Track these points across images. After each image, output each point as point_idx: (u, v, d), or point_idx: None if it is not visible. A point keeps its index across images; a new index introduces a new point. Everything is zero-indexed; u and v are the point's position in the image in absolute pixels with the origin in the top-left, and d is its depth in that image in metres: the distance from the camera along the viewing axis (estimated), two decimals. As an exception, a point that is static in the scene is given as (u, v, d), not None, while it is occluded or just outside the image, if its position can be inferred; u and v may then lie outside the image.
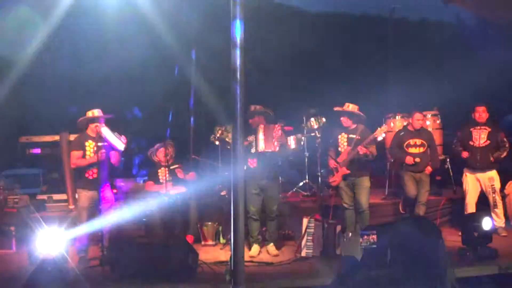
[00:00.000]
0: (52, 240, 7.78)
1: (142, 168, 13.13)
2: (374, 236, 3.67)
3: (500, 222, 9.96)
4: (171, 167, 10.06)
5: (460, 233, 8.78)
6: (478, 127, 9.98)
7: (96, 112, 8.92)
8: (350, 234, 8.91)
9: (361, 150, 9.22)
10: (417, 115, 10.10)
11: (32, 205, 11.16)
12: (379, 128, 9.28)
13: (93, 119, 8.87)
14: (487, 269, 7.90)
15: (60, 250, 7.86)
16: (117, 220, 9.18)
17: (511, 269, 7.88)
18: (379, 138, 9.34)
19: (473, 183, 10.07)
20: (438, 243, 3.04)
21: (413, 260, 2.95)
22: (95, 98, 10.43)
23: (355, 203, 9.53)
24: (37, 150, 11.96)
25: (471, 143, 9.96)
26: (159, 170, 10.10)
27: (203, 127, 13.01)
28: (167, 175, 9.82)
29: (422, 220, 3.25)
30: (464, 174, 10.18)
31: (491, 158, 9.95)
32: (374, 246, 3.65)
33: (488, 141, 9.91)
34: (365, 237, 3.69)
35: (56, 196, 11.24)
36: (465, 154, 10.05)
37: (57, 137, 11.49)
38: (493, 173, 10.05)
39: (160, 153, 10.08)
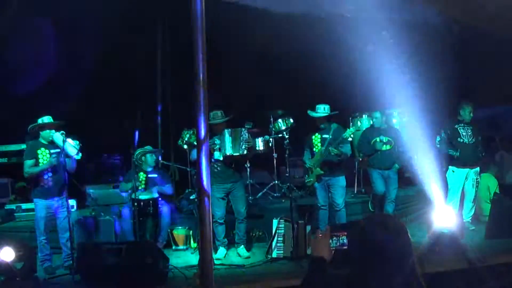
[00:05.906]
0: (22, 250, 7.72)
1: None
2: (344, 235, 3.64)
3: (470, 216, 10.15)
4: (149, 176, 10.12)
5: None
6: (462, 125, 10.04)
7: (47, 119, 8.76)
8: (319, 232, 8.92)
9: (332, 150, 9.26)
10: (375, 114, 10.34)
11: (1, 215, 11.05)
12: (348, 129, 9.35)
13: (44, 126, 8.72)
14: (457, 264, 7.96)
15: (30, 260, 7.81)
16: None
17: (481, 264, 7.93)
18: (349, 139, 9.37)
19: (460, 179, 10.13)
20: (404, 239, 3.04)
21: (379, 257, 2.97)
22: (59, 104, 10.25)
23: (331, 202, 9.56)
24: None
25: (460, 140, 10.04)
26: (139, 173, 10.16)
27: (171, 131, 12.95)
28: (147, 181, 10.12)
29: (386, 217, 3.24)
30: (451, 171, 10.23)
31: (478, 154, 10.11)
32: (345, 246, 3.62)
33: (475, 138, 10.01)
34: (335, 236, 3.65)
35: (25, 206, 11.12)
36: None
37: (24, 146, 11.34)
38: (478, 168, 10.21)
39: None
